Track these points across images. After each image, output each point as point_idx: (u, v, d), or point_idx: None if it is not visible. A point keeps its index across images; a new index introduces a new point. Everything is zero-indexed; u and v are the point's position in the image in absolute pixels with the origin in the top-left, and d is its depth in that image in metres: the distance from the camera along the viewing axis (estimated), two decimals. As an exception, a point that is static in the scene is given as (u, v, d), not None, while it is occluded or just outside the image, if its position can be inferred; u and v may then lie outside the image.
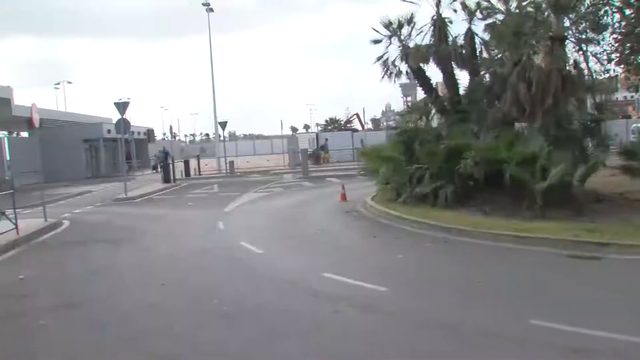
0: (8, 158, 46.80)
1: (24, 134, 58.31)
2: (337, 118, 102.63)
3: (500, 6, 17.63)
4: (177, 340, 7.13)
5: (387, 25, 19.56)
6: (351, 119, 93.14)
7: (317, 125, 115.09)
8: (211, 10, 46.08)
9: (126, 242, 15.05)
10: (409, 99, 53.94)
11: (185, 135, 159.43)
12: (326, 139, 50.08)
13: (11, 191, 18.19)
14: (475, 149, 15.25)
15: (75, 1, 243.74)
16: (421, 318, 7.41)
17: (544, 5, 16.27)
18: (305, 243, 13.63)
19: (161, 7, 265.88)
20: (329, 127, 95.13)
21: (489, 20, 18.35)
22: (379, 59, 20.13)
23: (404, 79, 21.36)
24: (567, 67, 16.20)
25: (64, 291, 10.17)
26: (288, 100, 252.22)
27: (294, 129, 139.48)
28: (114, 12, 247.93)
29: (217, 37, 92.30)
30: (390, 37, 19.71)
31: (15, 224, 15.75)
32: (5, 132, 53.93)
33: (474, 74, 19.11)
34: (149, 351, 6.82)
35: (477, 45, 18.90)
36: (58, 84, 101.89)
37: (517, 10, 17.04)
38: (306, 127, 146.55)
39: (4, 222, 15.37)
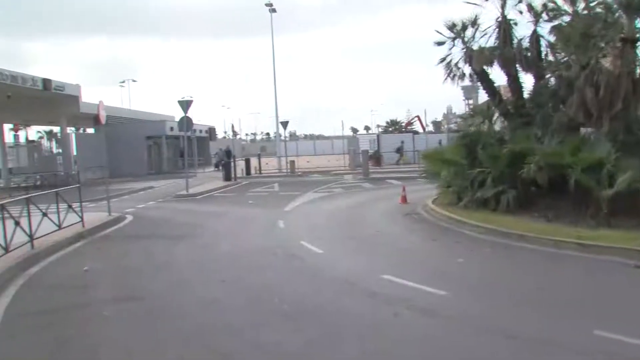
0: (75, 153, 48.36)
1: (90, 131, 60.14)
2: (398, 120, 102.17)
3: (567, 7, 17.17)
4: (238, 337, 7.20)
5: (451, 27, 19.33)
6: (412, 121, 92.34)
7: (378, 126, 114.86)
8: (274, 10, 46.49)
9: (187, 238, 15.34)
10: (470, 101, 53.30)
11: (246, 134, 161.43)
12: (402, 142, 49.56)
13: (77, 185, 18.76)
14: (539, 153, 14.92)
15: (143, 2, 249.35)
16: (481, 323, 7.28)
17: (614, 6, 15.78)
18: (365, 244, 13.61)
19: (226, 7, 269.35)
20: (390, 129, 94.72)
21: (556, 22, 17.87)
22: (441, 60, 19.91)
23: (466, 82, 21.08)
24: (639, 70, 15.70)
25: (127, 284, 10.44)
26: (349, 102, 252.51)
27: (354, 130, 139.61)
28: (179, 12, 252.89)
29: (279, 37, 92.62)
30: (453, 39, 19.47)
31: (81, 217, 16.30)
32: (73, 128, 55.70)
33: (538, 77, 18.68)
34: (210, 347, 6.91)
35: (542, 48, 18.41)
36: (123, 82, 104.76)
37: (585, 12, 16.60)
38: (367, 128, 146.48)
39: (70, 215, 15.88)
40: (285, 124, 46.71)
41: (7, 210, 12.09)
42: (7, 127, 55.24)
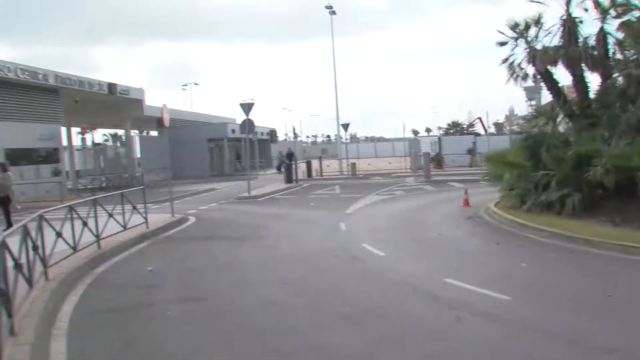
0: (139, 155, 49.57)
1: (153, 133, 61.54)
2: (459, 121, 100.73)
3: (638, 2, 16.69)
4: (300, 338, 7.27)
5: (513, 26, 18.98)
6: (474, 123, 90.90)
7: (439, 128, 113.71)
8: (334, 13, 46.65)
9: (249, 239, 15.56)
10: (533, 102, 52.10)
11: (307, 137, 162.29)
12: (473, 142, 49.02)
13: (142, 187, 19.24)
14: (606, 155, 14.52)
15: (204, 6, 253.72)
16: (545, 330, 7.12)
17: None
18: (427, 247, 13.54)
19: (286, 10, 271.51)
20: (451, 131, 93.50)
21: (624, 18, 17.26)
22: (504, 61, 19.56)
23: (529, 82, 20.65)
24: None
25: (190, 285, 10.69)
26: (410, 103, 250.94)
27: (415, 132, 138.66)
28: (240, 15, 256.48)
29: (339, 39, 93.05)
30: (516, 39, 19.12)
31: (145, 219, 16.74)
32: (137, 131, 57.09)
33: (605, 76, 18.10)
34: (271, 347, 7.01)
35: (609, 46, 17.85)
36: (185, 85, 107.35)
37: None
38: (427, 130, 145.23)
39: (135, 216, 16.32)
40: (346, 126, 46.82)
41: (76, 211, 12.48)
42: (74, 130, 57.03)
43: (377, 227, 16.91)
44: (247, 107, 28.86)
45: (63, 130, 41.54)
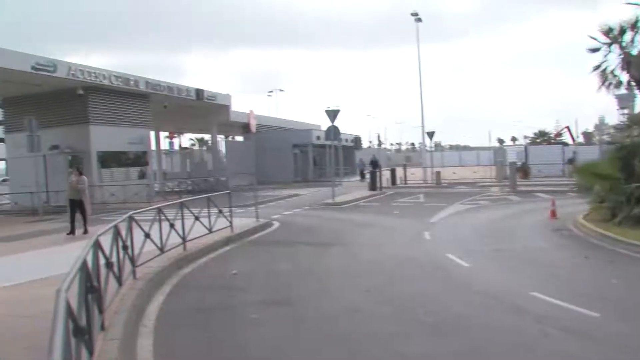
0: (224, 160, 50.67)
1: (238, 138, 62.74)
2: (546, 131, 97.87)
3: None
4: (382, 346, 7.22)
5: (607, 32, 18.30)
6: (561, 132, 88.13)
7: (525, 137, 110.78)
8: (419, 20, 46.32)
9: (333, 246, 15.62)
10: (625, 111, 50.09)
11: (391, 144, 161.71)
12: (574, 152, 47.63)
13: (228, 191, 19.64)
14: None
15: (290, 14, 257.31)
16: (636, 350, 6.83)
17: None
18: (512, 259, 13.19)
19: (372, 18, 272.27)
20: (538, 140, 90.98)
21: None
22: (595, 68, 18.94)
23: (622, 90, 19.88)
24: None
25: (274, 289, 10.81)
26: (495, 111, 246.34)
27: (500, 141, 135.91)
28: (326, 23, 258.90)
29: (425, 46, 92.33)
30: (609, 45, 18.46)
31: (231, 222, 17.07)
32: (223, 136, 58.37)
33: None
34: (355, 353, 7.01)
35: None
36: (271, 91, 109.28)
37: None
38: (513, 139, 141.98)
39: (220, 219, 16.66)
40: (431, 135, 46.33)
41: (164, 213, 12.87)
42: (162, 134, 58.87)
43: (461, 237, 16.64)
44: (332, 114, 29.05)
45: (152, 134, 42.98)
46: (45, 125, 30.08)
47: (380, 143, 49.11)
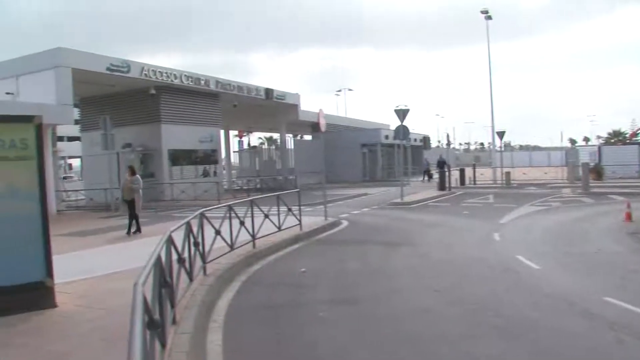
0: (293, 158, 51.11)
1: (307, 137, 63.17)
2: (621, 130, 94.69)
3: None
4: (451, 347, 7.17)
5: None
6: (637, 132, 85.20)
7: (598, 137, 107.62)
8: (489, 18, 45.54)
9: (402, 245, 15.55)
10: None
11: (460, 144, 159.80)
12: None
13: (297, 190, 19.79)
14: None
15: (358, 14, 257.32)
16: None
17: None
18: (585, 262, 12.77)
19: (440, 16, 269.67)
20: (612, 140, 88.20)
21: None
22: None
23: None
24: None
25: (342, 287, 10.86)
26: (567, 110, 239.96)
27: (572, 141, 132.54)
28: (394, 22, 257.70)
29: (495, 44, 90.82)
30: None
31: (299, 221, 17.20)
32: (291, 135, 58.87)
33: None
34: (423, 353, 6.99)
35: None
36: (339, 91, 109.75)
37: None
38: (586, 139, 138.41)
39: (289, 218, 16.82)
40: (501, 134, 45.48)
41: (234, 210, 13.09)
42: (232, 133, 59.82)
43: (532, 238, 16.27)
44: (401, 114, 28.89)
45: (221, 133, 43.72)
46: (119, 123, 31.13)
47: (449, 143, 48.47)
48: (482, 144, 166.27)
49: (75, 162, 79.59)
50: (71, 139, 64.67)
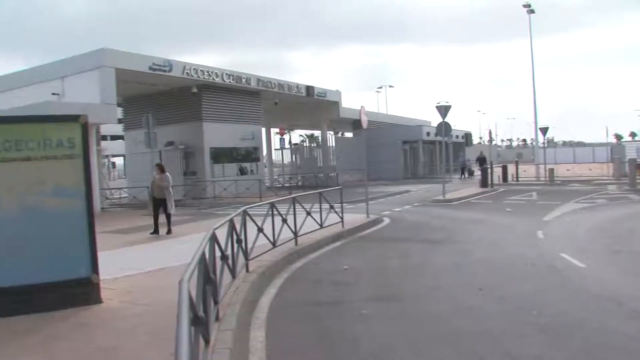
0: (334, 156, 51.20)
1: (347, 134, 63.16)
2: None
3: None
4: (495, 345, 7.09)
5: None
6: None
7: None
8: (532, 11, 44.88)
9: (444, 243, 15.46)
10: None
11: (502, 140, 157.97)
12: None
13: (339, 187, 19.81)
14: None
15: (395, 11, 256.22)
16: None
17: None
18: (633, 261, 12.43)
19: (480, 11, 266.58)
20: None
21: None
22: None
23: None
24: None
25: (384, 285, 10.84)
26: (612, 106, 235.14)
27: (618, 137, 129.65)
28: (433, 18, 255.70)
29: (538, 39, 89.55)
30: None
31: (341, 218, 17.22)
32: (332, 132, 58.92)
33: None
34: (466, 351, 6.93)
35: None
36: (380, 87, 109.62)
37: None
38: (633, 134, 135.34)
39: (331, 215, 16.86)
40: (545, 131, 44.82)
41: (276, 208, 13.17)
42: (273, 131, 60.08)
43: (577, 236, 15.98)
44: (443, 110, 28.69)
45: (263, 130, 44.00)
46: (161, 122, 31.54)
47: (491, 139, 47.96)
48: (524, 140, 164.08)
49: (118, 161, 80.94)
50: (114, 137, 65.68)
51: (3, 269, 8.38)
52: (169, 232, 17.75)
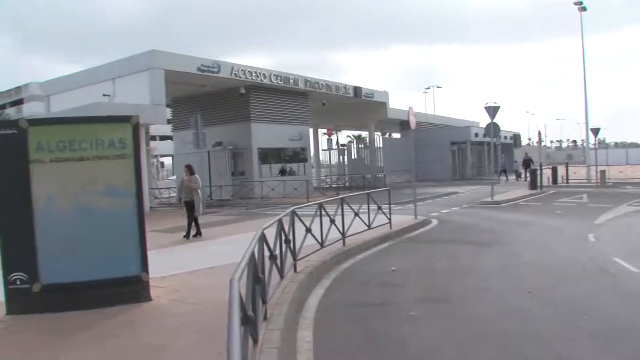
0: (382, 157, 51.09)
1: (395, 135, 62.93)
2: None
3: None
4: (544, 349, 6.95)
5: None
6: None
7: None
8: (584, 9, 43.97)
9: (492, 245, 15.26)
10: None
11: (551, 141, 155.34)
12: None
13: (387, 188, 19.73)
14: None
15: (444, 11, 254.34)
16: None
17: None
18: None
19: (530, 9, 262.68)
20: None
21: None
22: None
23: None
24: None
25: (432, 286, 10.76)
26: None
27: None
28: (480, 18, 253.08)
29: (589, 37, 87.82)
30: None
31: (389, 219, 17.13)
32: (379, 133, 58.78)
33: None
34: (515, 354, 6.84)
35: None
36: (428, 88, 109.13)
37: None
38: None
39: (379, 216, 16.81)
40: (596, 131, 43.83)
41: (325, 208, 13.17)
42: (320, 131, 60.18)
43: (630, 240, 15.56)
44: (492, 111, 28.35)
45: (310, 131, 44.13)
46: (210, 122, 31.94)
47: (540, 140, 47.16)
48: (574, 141, 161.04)
49: (167, 161, 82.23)
50: (163, 138, 66.83)
51: (57, 267, 8.59)
52: (197, 234, 17.43)
